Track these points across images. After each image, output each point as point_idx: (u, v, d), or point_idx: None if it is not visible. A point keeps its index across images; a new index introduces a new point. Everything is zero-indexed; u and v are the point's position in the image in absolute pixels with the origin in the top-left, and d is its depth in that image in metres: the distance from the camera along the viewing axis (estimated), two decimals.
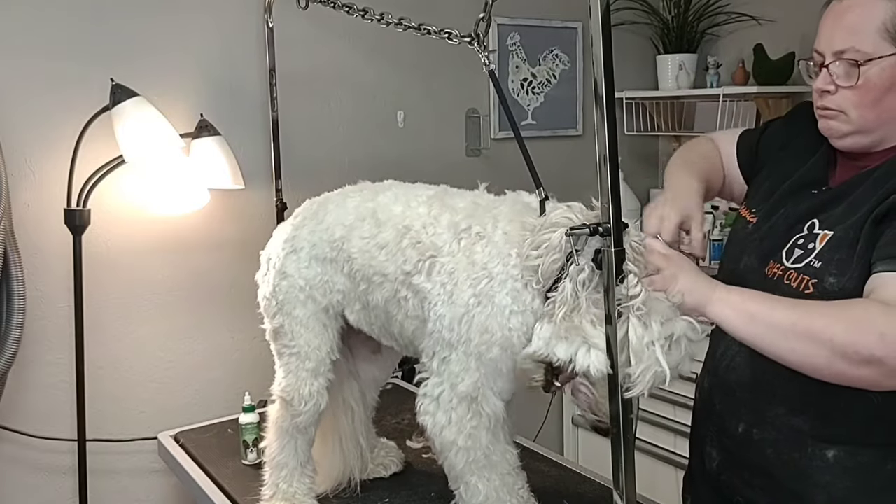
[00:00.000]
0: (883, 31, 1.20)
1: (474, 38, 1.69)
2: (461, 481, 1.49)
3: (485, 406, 1.43)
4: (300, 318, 1.65)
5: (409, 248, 1.48)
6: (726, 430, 1.44)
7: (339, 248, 1.61)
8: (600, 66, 1.08)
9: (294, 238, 1.68)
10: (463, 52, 3.07)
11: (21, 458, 2.35)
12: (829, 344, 1.10)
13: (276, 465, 1.73)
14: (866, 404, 1.25)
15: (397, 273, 1.50)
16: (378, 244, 1.54)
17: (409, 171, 2.88)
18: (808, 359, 1.13)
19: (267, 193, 2.61)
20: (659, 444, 2.87)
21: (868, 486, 1.29)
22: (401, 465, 1.97)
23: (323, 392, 1.68)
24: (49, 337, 2.36)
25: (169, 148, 2.26)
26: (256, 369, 2.63)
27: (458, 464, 1.47)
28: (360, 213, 1.60)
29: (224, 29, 2.57)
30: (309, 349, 1.66)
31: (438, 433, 1.46)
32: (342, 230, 1.60)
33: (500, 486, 1.48)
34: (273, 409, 1.74)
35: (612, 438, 1.18)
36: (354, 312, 1.64)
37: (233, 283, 2.63)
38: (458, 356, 1.41)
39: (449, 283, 1.41)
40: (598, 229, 1.13)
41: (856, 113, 1.26)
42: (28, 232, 2.29)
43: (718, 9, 3.29)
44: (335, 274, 1.63)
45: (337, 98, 2.81)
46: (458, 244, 1.42)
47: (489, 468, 1.47)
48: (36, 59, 2.29)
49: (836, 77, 1.26)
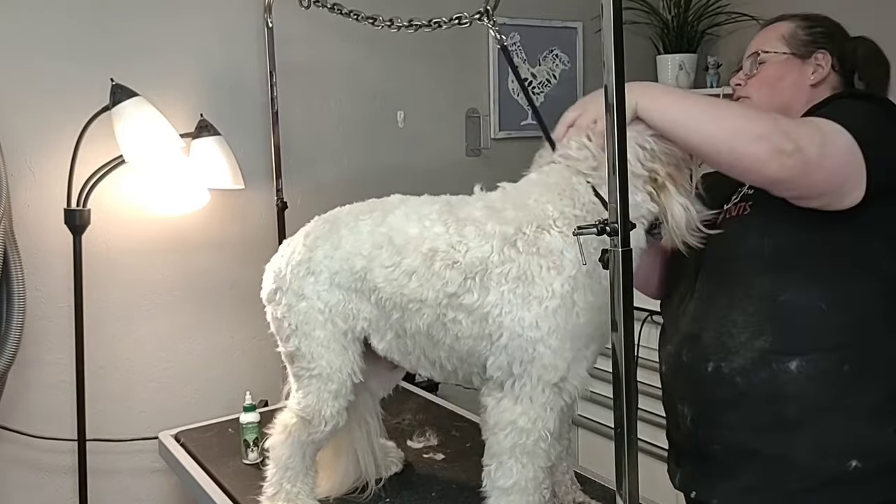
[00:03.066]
0: (781, 38, 1.56)
1: (483, 14, 1.71)
2: (497, 460, 1.48)
3: (573, 381, 1.46)
4: (321, 339, 1.62)
5: (446, 270, 1.47)
6: (699, 376, 1.49)
7: (362, 278, 1.58)
8: (611, 73, 1.09)
9: (310, 260, 1.64)
10: (463, 51, 3.09)
11: (21, 458, 2.35)
12: (730, 122, 1.31)
13: (283, 466, 1.73)
14: (818, 314, 1.39)
15: (439, 297, 1.48)
16: (405, 272, 1.51)
17: (409, 172, 2.92)
18: (711, 136, 1.32)
19: (267, 193, 2.61)
20: (659, 444, 2.86)
21: (830, 388, 1.39)
22: (401, 465, 1.97)
23: (343, 413, 1.67)
24: (49, 337, 2.36)
25: (169, 148, 2.25)
26: (257, 369, 2.64)
27: (505, 444, 1.47)
28: (377, 241, 1.57)
29: (224, 29, 2.57)
30: (331, 371, 1.63)
31: (499, 413, 1.47)
32: (362, 261, 1.57)
33: (532, 477, 1.48)
34: (288, 420, 1.71)
35: (615, 439, 1.19)
36: (385, 341, 1.62)
37: (233, 282, 2.62)
38: (550, 345, 1.42)
39: (520, 286, 1.42)
40: (605, 229, 1.13)
41: (756, 95, 1.57)
42: (28, 232, 2.28)
43: (718, 9, 3.29)
44: (360, 302, 1.60)
45: (337, 98, 2.81)
46: (515, 249, 1.44)
47: (530, 456, 1.47)
48: (36, 59, 2.29)
49: (745, 71, 1.60)
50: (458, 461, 2.01)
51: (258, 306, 1.70)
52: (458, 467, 1.97)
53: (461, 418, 2.30)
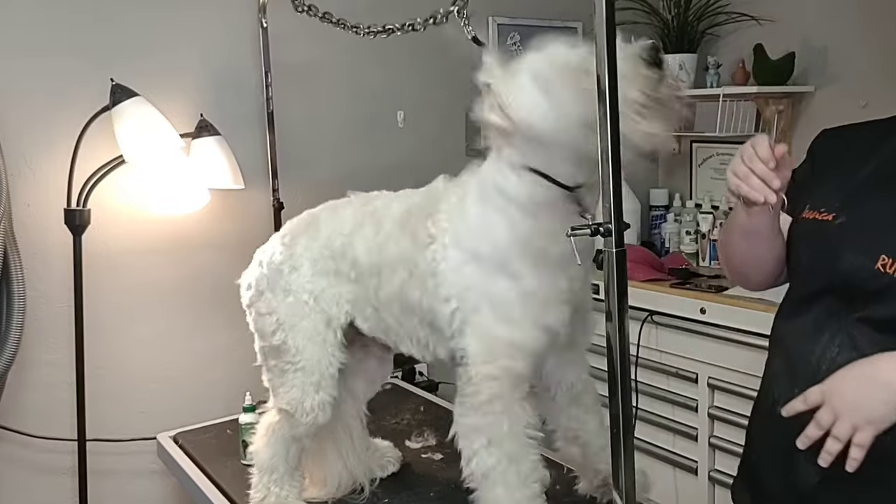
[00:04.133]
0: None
1: (455, 12, 1.72)
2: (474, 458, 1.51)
3: (548, 317, 1.45)
4: (306, 329, 1.65)
5: (417, 225, 1.52)
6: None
7: (341, 255, 1.61)
8: (604, 64, 1.08)
9: (291, 257, 1.68)
10: (463, 51, 3.07)
11: (21, 458, 2.36)
12: None
13: (267, 468, 1.73)
14: None
15: (407, 252, 1.52)
16: (383, 239, 1.56)
17: (409, 172, 2.89)
18: None
19: (267, 193, 2.61)
20: (659, 444, 2.87)
21: None
22: (398, 465, 1.97)
23: (325, 406, 1.67)
24: (49, 337, 2.36)
25: (169, 148, 2.26)
26: (256, 369, 2.62)
27: (482, 391, 1.47)
28: (359, 220, 1.62)
29: (225, 28, 2.57)
30: (313, 362, 1.65)
31: (479, 363, 1.47)
32: (342, 239, 1.62)
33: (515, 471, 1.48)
34: (270, 419, 1.73)
35: (611, 439, 1.19)
36: (368, 319, 1.64)
37: (233, 283, 2.60)
38: (498, 279, 1.43)
39: (450, 227, 1.47)
40: (599, 230, 1.13)
41: None
42: (28, 232, 2.29)
43: (718, 9, 3.29)
44: (341, 284, 1.63)
45: (337, 98, 2.81)
46: (454, 199, 1.49)
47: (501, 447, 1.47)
48: (36, 58, 2.29)
49: None
50: (457, 461, 1.97)
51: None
52: (457, 467, 1.94)
53: None
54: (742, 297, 2.59)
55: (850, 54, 2.92)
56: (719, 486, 2.67)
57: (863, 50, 2.86)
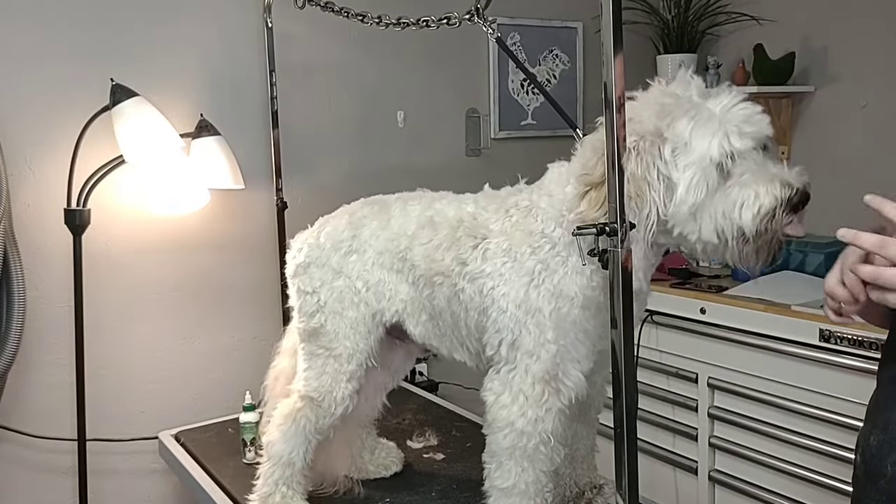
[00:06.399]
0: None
1: (474, 13, 1.70)
2: (496, 460, 1.48)
3: (566, 381, 1.43)
4: (351, 319, 1.62)
5: (464, 238, 1.51)
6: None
7: (403, 258, 1.59)
8: (611, 69, 1.09)
9: (354, 238, 1.64)
10: (463, 50, 3.09)
11: (21, 458, 2.35)
12: None
13: (284, 463, 1.69)
14: None
15: (453, 266, 1.51)
16: (436, 246, 1.55)
17: (409, 171, 2.91)
18: None
19: (267, 193, 2.61)
20: (658, 444, 2.87)
21: None
22: (401, 465, 1.97)
23: (354, 396, 1.66)
24: (49, 337, 2.36)
25: (169, 148, 2.25)
26: (257, 369, 2.62)
27: (504, 444, 1.46)
28: (421, 222, 1.60)
29: (224, 29, 2.57)
30: (353, 352, 1.63)
31: (497, 410, 1.46)
32: (406, 241, 1.59)
33: (533, 481, 1.47)
34: (291, 407, 1.68)
35: (614, 439, 1.19)
36: (420, 324, 1.62)
37: (233, 283, 2.63)
38: (531, 330, 1.41)
39: (509, 260, 1.44)
40: (604, 229, 1.13)
41: None
42: (28, 232, 2.28)
43: (718, 9, 3.29)
44: (399, 283, 1.61)
45: (337, 98, 2.81)
46: (508, 221, 1.47)
47: (531, 459, 1.46)
48: (36, 59, 2.29)
49: None
50: (459, 461, 2.01)
51: (258, 306, 1.70)
52: (459, 467, 1.97)
53: (461, 418, 2.30)
54: (742, 297, 2.59)
55: (850, 54, 2.93)
56: (719, 485, 2.67)
57: (863, 50, 2.87)
